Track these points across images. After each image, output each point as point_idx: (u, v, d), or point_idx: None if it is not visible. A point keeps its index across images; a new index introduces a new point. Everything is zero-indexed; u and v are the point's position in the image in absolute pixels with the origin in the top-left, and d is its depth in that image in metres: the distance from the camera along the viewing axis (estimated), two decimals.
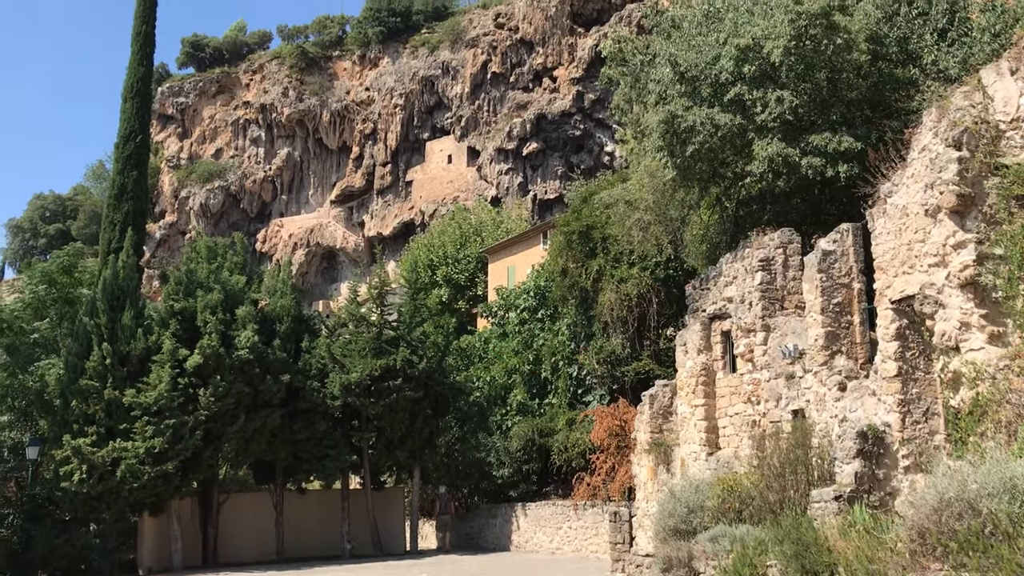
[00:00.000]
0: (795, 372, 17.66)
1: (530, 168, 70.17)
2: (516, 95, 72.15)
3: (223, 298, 27.57)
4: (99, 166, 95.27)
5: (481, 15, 76.43)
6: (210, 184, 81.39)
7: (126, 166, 33.26)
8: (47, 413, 26.76)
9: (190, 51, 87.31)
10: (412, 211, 74.78)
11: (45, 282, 29.78)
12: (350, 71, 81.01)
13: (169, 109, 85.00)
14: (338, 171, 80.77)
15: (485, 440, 32.00)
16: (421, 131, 76.88)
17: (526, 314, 35.53)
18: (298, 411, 28.21)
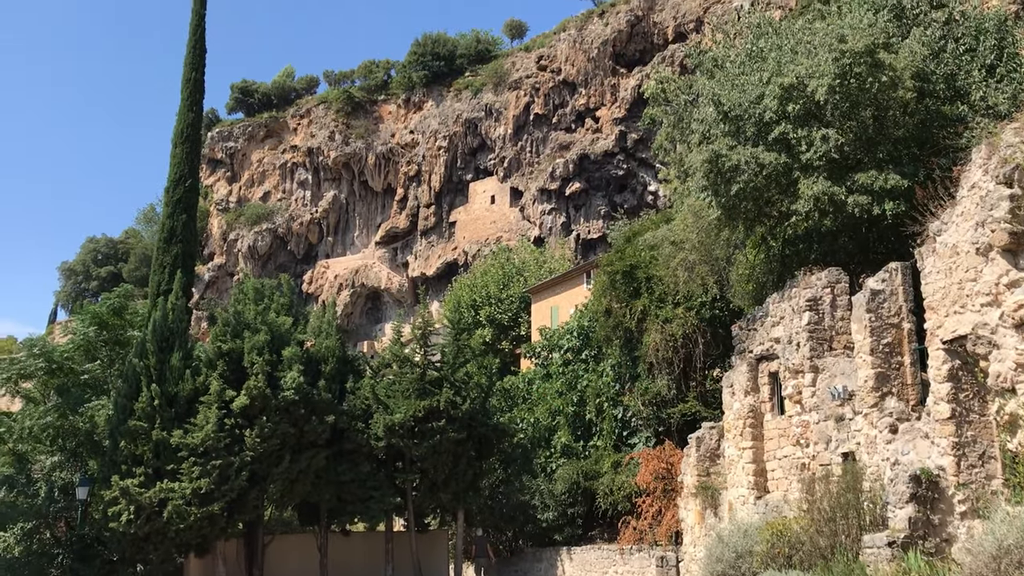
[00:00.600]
0: (845, 414, 17.32)
1: (573, 208, 70.31)
2: (559, 135, 72.54)
3: (269, 339, 27.81)
4: (150, 209, 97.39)
5: (524, 57, 77.25)
6: (258, 226, 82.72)
7: (176, 210, 33.89)
8: (96, 454, 27.10)
9: (239, 96, 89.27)
10: (455, 251, 75.20)
11: (95, 324, 30.29)
12: (395, 114, 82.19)
13: (218, 153, 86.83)
14: (383, 213, 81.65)
15: (529, 483, 31.74)
16: (464, 172, 77.56)
17: (570, 355, 35.36)
18: (343, 452, 28.24)
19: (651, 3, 69.64)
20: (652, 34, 69.51)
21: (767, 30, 22.76)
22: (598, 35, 71.10)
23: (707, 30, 59.21)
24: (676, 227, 27.77)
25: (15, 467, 27.34)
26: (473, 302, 51.79)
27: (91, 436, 27.55)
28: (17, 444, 27.73)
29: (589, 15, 73.62)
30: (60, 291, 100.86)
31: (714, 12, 62.75)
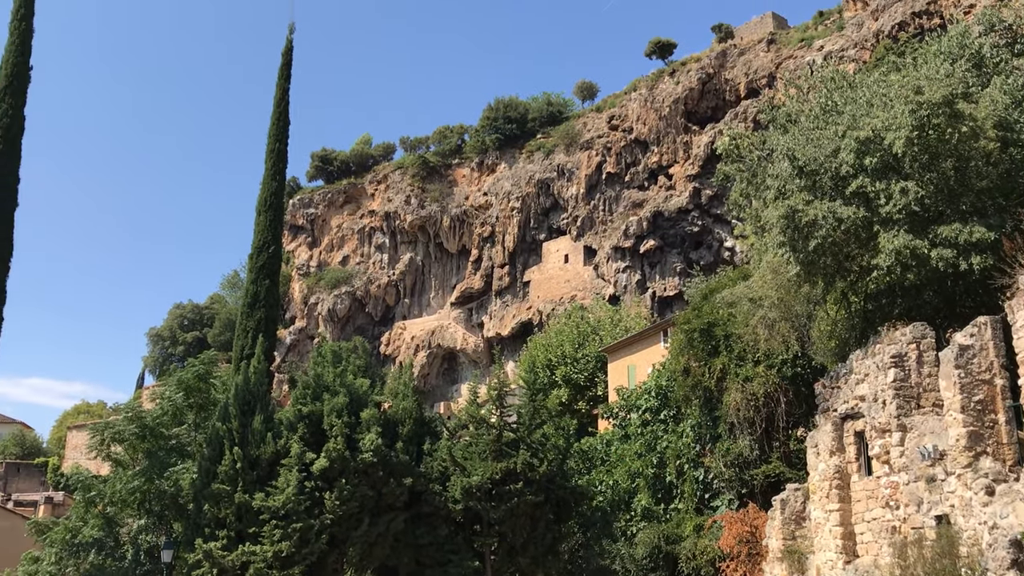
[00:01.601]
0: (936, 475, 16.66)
1: (648, 265, 70.02)
2: (631, 194, 72.67)
3: (348, 401, 28.11)
4: (234, 275, 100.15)
5: (595, 118, 77.97)
6: (337, 290, 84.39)
7: (259, 275, 34.80)
8: (181, 517, 27.58)
9: (319, 164, 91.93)
10: (530, 311, 75.38)
11: (182, 390, 31.08)
12: (469, 177, 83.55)
13: (300, 220, 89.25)
14: (458, 274, 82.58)
15: (609, 547, 31.15)
16: (538, 232, 78.10)
17: (648, 415, 34.88)
18: (421, 515, 28.17)
19: (722, 61, 69.84)
20: (724, 91, 69.56)
21: (841, 83, 22.60)
22: (669, 93, 71.44)
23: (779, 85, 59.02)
24: (754, 284, 27.41)
25: (104, 530, 28.00)
26: (548, 362, 51.63)
27: (176, 499, 28.08)
28: (107, 507, 28.43)
29: (660, 74, 74.12)
30: (148, 356, 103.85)
31: (786, 67, 62.62)
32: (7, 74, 30.89)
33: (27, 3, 31.64)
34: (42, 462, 79.95)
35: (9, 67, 30.97)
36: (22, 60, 31.23)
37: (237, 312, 39.97)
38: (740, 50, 69.69)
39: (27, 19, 31.53)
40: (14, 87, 30.87)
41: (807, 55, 62.84)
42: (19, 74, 31.06)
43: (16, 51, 31.19)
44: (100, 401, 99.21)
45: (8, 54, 31.17)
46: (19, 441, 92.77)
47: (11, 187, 30.11)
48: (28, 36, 31.45)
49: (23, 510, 58.62)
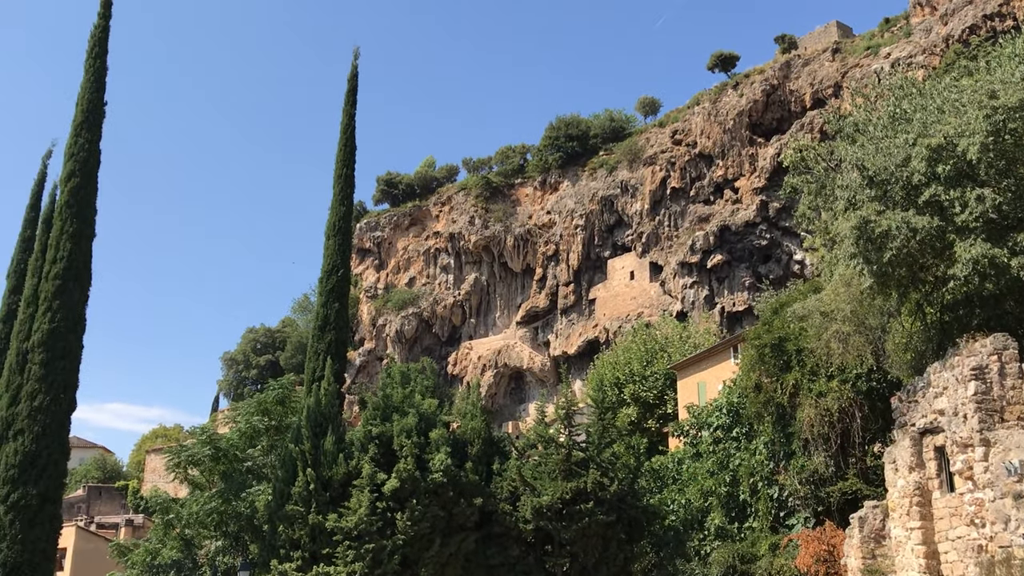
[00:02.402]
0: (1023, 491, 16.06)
1: (716, 280, 69.20)
2: (697, 208, 71.99)
3: (417, 421, 28.28)
4: (304, 299, 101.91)
5: (658, 133, 77.57)
6: (404, 311, 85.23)
7: (329, 299, 35.30)
8: (257, 538, 28.01)
9: (384, 188, 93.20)
10: (596, 329, 75.03)
11: (260, 412, 31.60)
12: (532, 196, 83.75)
13: (367, 243, 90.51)
14: (523, 293, 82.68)
15: (683, 566, 30.66)
16: (602, 249, 77.82)
17: (720, 432, 34.34)
18: (492, 535, 28.14)
19: (786, 72, 68.96)
20: (789, 102, 68.63)
21: (910, 91, 22.11)
22: (733, 106, 70.75)
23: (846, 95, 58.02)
24: (826, 297, 26.85)
25: (183, 552, 28.58)
26: (616, 380, 51.20)
27: (252, 521, 28.52)
28: (185, 529, 29.02)
29: (723, 87, 73.49)
30: (223, 380, 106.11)
31: (852, 76, 61.54)
32: (83, 110, 32.01)
33: (101, 42, 32.76)
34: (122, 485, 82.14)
35: (85, 103, 32.08)
36: (97, 96, 32.32)
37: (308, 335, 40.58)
38: (804, 60, 68.73)
39: (101, 57, 32.64)
40: (90, 122, 31.96)
41: (874, 63, 61.67)
42: (94, 109, 32.15)
43: (91, 88, 32.30)
44: (177, 425, 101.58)
45: (84, 91, 32.30)
46: (100, 465, 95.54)
47: (89, 219, 31.09)
48: (102, 73, 32.56)
49: (105, 532, 60.27)
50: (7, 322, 36.76)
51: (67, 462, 29.62)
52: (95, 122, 32.05)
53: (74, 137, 31.75)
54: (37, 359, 28.86)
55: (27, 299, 31.68)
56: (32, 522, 27.49)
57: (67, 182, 31.20)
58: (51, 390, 28.58)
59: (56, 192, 34.52)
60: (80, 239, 30.49)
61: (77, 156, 31.39)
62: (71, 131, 31.85)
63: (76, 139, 31.67)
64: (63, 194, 31.22)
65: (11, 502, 27.45)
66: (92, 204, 31.35)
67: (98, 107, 32.26)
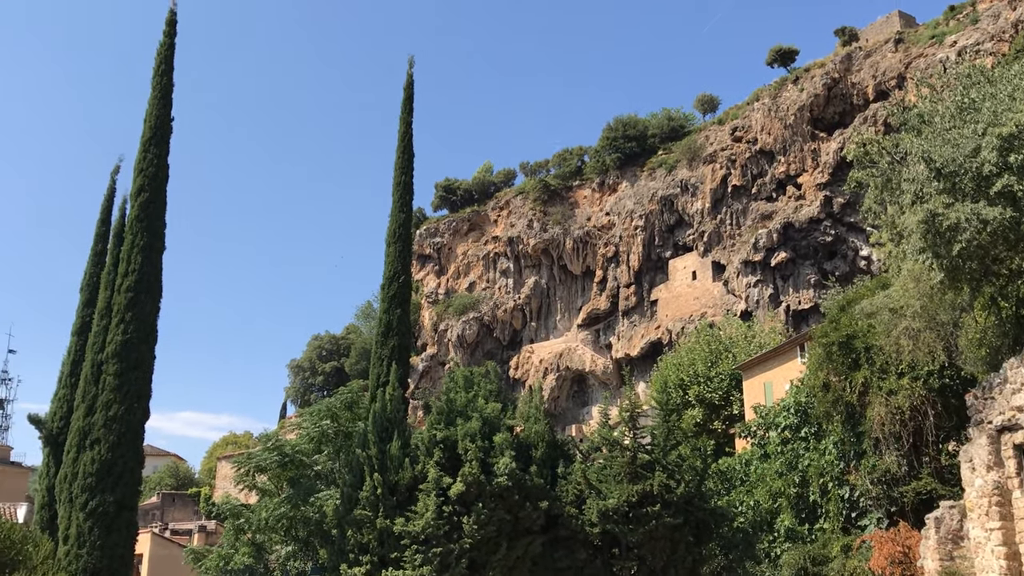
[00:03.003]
0: None
1: (780, 279, 68.18)
2: (759, 205, 71.05)
3: (481, 425, 28.35)
4: (367, 306, 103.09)
5: (717, 131, 76.77)
6: (465, 316, 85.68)
7: (391, 305, 35.58)
8: (326, 543, 28.33)
9: (443, 194, 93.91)
10: (659, 330, 74.49)
11: (328, 417, 32.00)
12: (590, 198, 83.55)
13: (427, 249, 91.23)
14: (583, 295, 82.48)
15: (753, 569, 30.24)
16: (663, 250, 77.23)
17: (788, 433, 33.80)
18: (558, 539, 28.06)
19: (848, 64, 67.70)
20: (851, 95, 67.37)
21: (979, 79, 21.51)
22: (793, 101, 69.71)
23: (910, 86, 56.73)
24: (894, 293, 26.25)
25: (254, 557, 29.05)
26: (681, 382, 50.73)
27: (321, 526, 28.87)
28: (255, 535, 29.50)
29: (783, 82, 72.46)
30: (290, 387, 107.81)
31: (916, 67, 60.15)
32: (151, 126, 32.80)
33: (167, 59, 33.54)
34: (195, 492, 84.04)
35: (153, 119, 32.87)
36: (164, 112, 33.09)
37: (372, 341, 40.99)
38: (866, 52, 67.40)
39: (167, 73, 33.41)
40: (158, 138, 32.73)
41: (939, 52, 60.21)
42: (162, 125, 32.92)
43: (159, 104, 33.08)
44: (247, 432, 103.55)
45: (151, 107, 33.10)
46: (173, 473, 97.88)
47: (159, 232, 31.85)
48: (169, 89, 33.32)
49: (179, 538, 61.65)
50: (82, 334, 37.83)
51: (142, 470, 30.35)
52: (163, 138, 32.81)
53: (143, 153, 32.54)
54: (111, 370, 29.64)
55: (100, 311, 32.58)
56: (110, 528, 28.23)
57: (137, 196, 32.00)
58: (125, 400, 29.33)
59: (126, 206, 35.43)
60: (150, 252, 31.24)
61: (146, 171, 32.17)
62: (140, 147, 32.66)
63: (145, 155, 32.45)
64: (133, 208, 32.03)
65: (89, 509, 28.23)
66: (162, 218, 32.09)
67: (165, 123, 33.02)
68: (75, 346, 38.68)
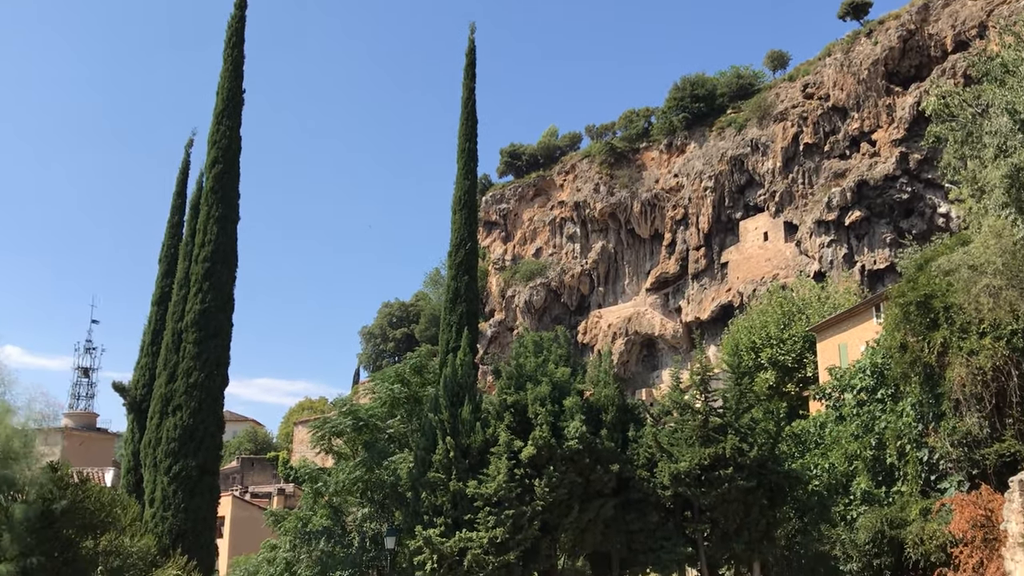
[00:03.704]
0: None
1: (854, 238, 66.63)
2: (832, 163, 69.36)
3: (551, 390, 28.48)
4: (435, 273, 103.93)
5: (788, 87, 74.95)
6: (532, 282, 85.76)
7: (458, 272, 35.85)
8: (401, 505, 28.90)
9: (508, 160, 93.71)
10: (729, 293, 73.56)
11: (398, 382, 32.50)
12: (658, 160, 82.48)
13: (493, 215, 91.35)
14: (651, 259, 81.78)
15: (828, 531, 29.92)
16: (733, 211, 76.03)
17: (864, 394, 33.17)
18: (630, 501, 28.16)
19: (924, 15, 65.33)
20: (928, 47, 65.06)
21: None
22: (867, 55, 67.62)
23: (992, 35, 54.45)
24: (974, 250, 25.42)
25: (331, 519, 29.77)
26: (752, 344, 50.10)
27: (395, 488, 29.41)
28: (332, 497, 30.20)
29: (855, 36, 70.28)
30: (362, 353, 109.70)
31: (999, 14, 57.71)
32: (223, 98, 33.36)
33: (238, 32, 34.01)
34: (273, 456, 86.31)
35: (225, 92, 33.42)
36: (236, 84, 33.61)
37: (440, 308, 41.37)
38: (944, 1, 64.87)
39: (238, 46, 33.89)
40: (230, 110, 33.28)
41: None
42: (233, 97, 33.45)
43: (230, 76, 33.60)
44: (322, 397, 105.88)
45: (223, 80, 33.64)
46: (252, 437, 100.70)
47: (233, 203, 32.49)
48: (240, 62, 33.82)
49: (259, 501, 63.54)
50: (162, 304, 38.94)
51: (222, 435, 31.28)
52: (235, 110, 33.37)
53: (216, 125, 33.14)
54: (191, 338, 30.50)
55: (179, 282, 33.47)
56: (193, 492, 29.22)
57: (211, 168, 32.68)
58: (205, 367, 30.19)
59: (201, 178, 36.19)
60: (225, 223, 31.92)
61: (219, 143, 32.79)
62: (213, 119, 33.26)
63: (218, 127, 33.06)
64: (208, 180, 32.72)
65: (173, 473, 29.24)
66: (235, 189, 32.71)
67: (237, 95, 33.55)
68: (155, 316, 39.86)
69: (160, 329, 37.19)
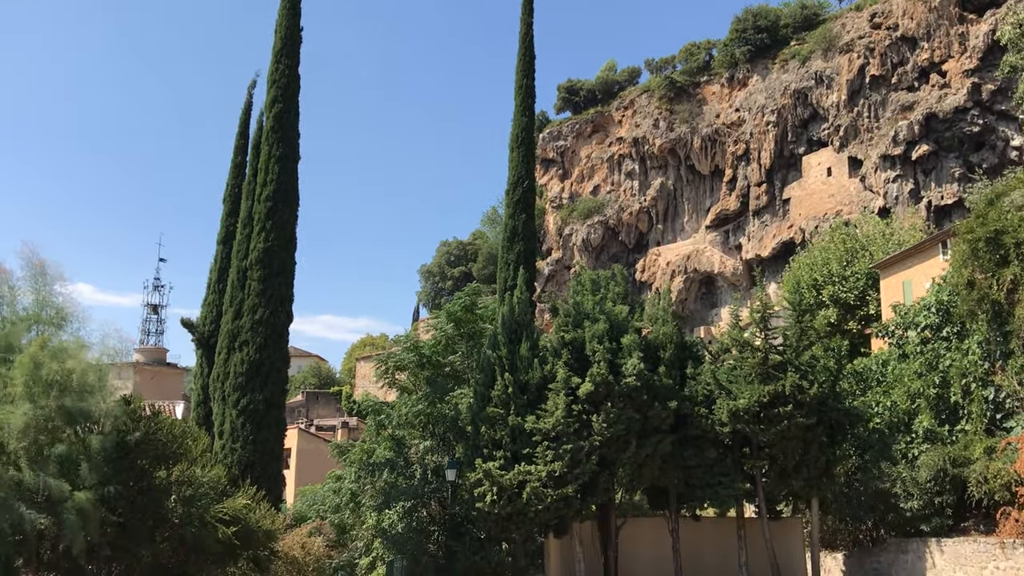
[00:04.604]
0: None
1: (921, 173, 64.81)
2: (899, 96, 67.20)
3: (608, 328, 28.53)
4: (492, 212, 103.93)
5: (854, 18, 72.48)
6: (590, 220, 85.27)
7: (516, 210, 35.86)
8: (461, 439, 29.45)
9: (565, 96, 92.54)
10: (791, 230, 72.36)
11: (452, 321, 32.90)
12: (719, 94, 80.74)
13: (550, 153, 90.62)
14: (711, 196, 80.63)
15: (889, 469, 29.78)
16: (796, 146, 74.36)
17: (928, 332, 32.65)
18: (687, 438, 28.29)
19: None
20: None
21: None
22: None
23: None
24: None
25: (394, 451, 30.46)
26: (814, 282, 49.45)
27: (456, 422, 29.95)
28: (395, 430, 30.89)
29: None
30: (421, 291, 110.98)
31: None
32: (281, 37, 33.46)
33: None
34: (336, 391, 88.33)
35: (283, 30, 33.52)
36: (293, 23, 33.67)
37: (498, 246, 41.50)
38: None
39: None
40: (288, 48, 33.40)
41: None
42: (291, 36, 33.54)
43: (288, 15, 33.66)
44: (383, 334, 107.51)
45: (281, 18, 33.71)
46: (316, 373, 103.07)
47: (293, 142, 32.80)
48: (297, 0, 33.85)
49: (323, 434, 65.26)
50: (226, 243, 39.72)
51: (287, 370, 32.08)
52: (293, 49, 33.48)
53: (275, 64, 33.32)
54: (255, 276, 31.15)
55: (243, 221, 34.07)
56: (260, 425, 30.14)
57: (271, 108, 32.96)
58: (269, 304, 30.87)
59: (263, 119, 36.57)
60: (286, 162, 32.29)
61: (279, 82, 33.00)
62: (272, 59, 33.45)
63: (277, 66, 33.24)
64: (268, 120, 33.04)
65: (241, 407, 30.15)
66: (295, 128, 32.99)
67: (295, 34, 33.63)
68: (221, 254, 40.72)
69: (226, 267, 38.00)
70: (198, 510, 20.62)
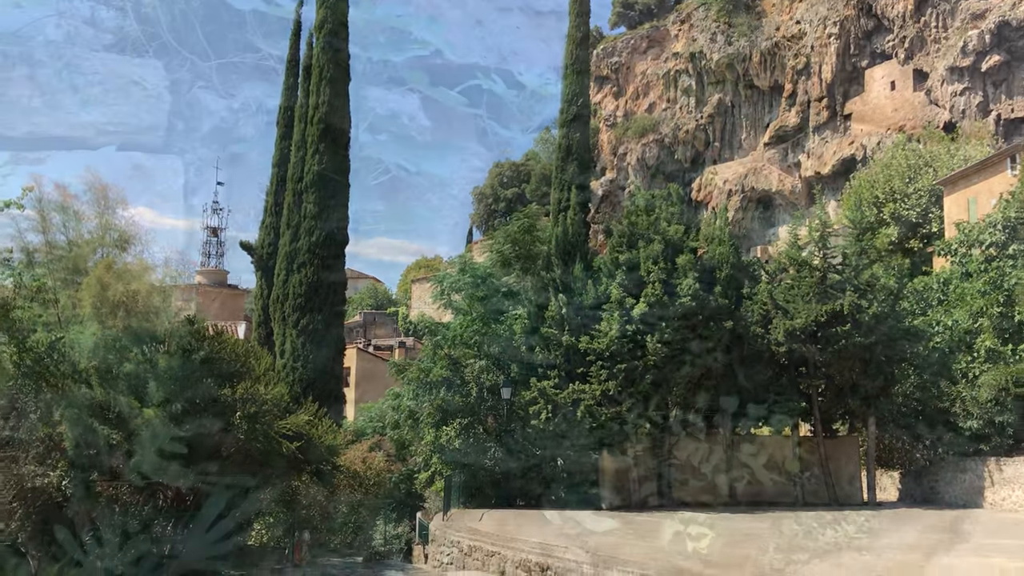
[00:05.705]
0: None
1: (991, 85, 62.25)
2: (970, 4, 64.17)
3: (663, 248, 28.35)
4: (546, 132, 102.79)
5: None
6: (645, 139, 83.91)
7: (570, 128, 35.44)
8: (515, 358, 29.77)
9: (620, 10, 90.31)
10: (852, 146, 70.40)
11: (509, 241, 32.92)
12: (779, 6, 77.99)
13: (604, 70, 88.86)
14: (770, 112, 78.58)
15: (948, 389, 29.42)
16: (859, 59, 71.79)
17: (993, 250, 31.80)
18: (743, 357, 28.22)
19: None
20: None
21: None
22: None
23: None
24: None
25: (450, 370, 30.94)
26: (875, 199, 48.30)
27: (510, 342, 30.24)
28: (452, 350, 31.34)
29: None
30: (474, 213, 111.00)
31: None
32: None
33: None
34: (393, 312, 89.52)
35: None
36: None
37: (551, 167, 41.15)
38: None
39: None
40: None
41: None
42: None
43: None
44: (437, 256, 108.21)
45: None
46: (372, 294, 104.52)
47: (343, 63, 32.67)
48: None
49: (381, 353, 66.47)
50: (281, 166, 40.04)
51: (344, 291, 32.59)
52: None
53: None
54: (310, 199, 31.50)
55: (296, 143, 34.28)
56: (320, 344, 30.83)
57: (320, 29, 32.79)
58: (325, 226, 31.26)
59: (312, 40, 36.40)
60: (337, 84, 32.26)
61: (327, 2, 32.73)
62: None
63: None
64: (318, 41, 32.90)
65: (301, 327, 30.84)
66: (345, 49, 32.82)
67: None
68: (276, 177, 41.09)
69: (281, 190, 38.39)
70: (262, 426, 21.24)
